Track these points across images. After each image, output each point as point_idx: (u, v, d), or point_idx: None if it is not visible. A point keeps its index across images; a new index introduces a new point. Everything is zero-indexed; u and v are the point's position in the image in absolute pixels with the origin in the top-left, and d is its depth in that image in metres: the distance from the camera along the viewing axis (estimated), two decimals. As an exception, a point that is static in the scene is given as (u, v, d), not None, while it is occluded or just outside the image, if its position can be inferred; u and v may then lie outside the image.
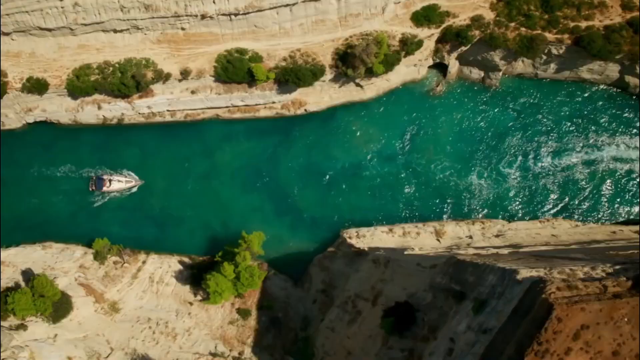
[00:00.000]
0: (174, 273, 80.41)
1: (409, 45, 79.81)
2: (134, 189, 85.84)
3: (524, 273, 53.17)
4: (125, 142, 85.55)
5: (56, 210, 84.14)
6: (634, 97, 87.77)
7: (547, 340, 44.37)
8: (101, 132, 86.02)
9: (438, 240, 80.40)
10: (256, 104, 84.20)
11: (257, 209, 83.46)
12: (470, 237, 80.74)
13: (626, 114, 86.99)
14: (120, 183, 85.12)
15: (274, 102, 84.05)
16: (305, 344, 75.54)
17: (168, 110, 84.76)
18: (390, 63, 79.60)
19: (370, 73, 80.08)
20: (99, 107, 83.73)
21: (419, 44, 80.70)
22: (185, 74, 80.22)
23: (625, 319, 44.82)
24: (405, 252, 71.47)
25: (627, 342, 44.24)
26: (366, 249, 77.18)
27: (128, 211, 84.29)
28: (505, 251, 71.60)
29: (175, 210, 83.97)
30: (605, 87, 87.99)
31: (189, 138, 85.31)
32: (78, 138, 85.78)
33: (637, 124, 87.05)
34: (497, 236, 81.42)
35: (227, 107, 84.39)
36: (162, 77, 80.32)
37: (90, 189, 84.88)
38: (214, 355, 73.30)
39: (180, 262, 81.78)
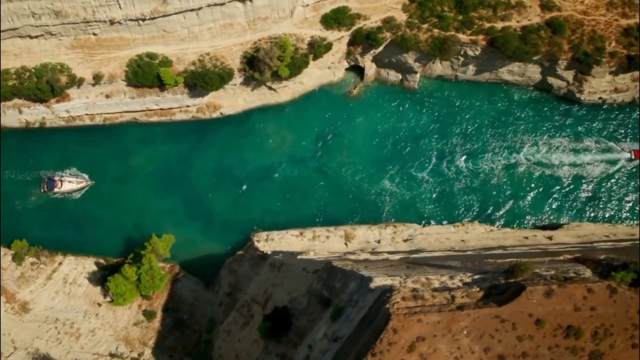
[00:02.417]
0: (87, 274, 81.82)
1: (316, 48, 79.36)
2: (85, 190, 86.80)
3: (377, 281, 52.37)
4: (46, 145, 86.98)
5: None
6: (560, 98, 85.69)
7: (381, 352, 43.53)
8: (24, 136, 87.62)
9: (346, 244, 79.79)
10: (171, 108, 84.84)
11: (171, 211, 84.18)
12: (379, 241, 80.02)
13: (548, 116, 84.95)
14: (71, 184, 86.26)
15: (188, 106, 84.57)
16: (206, 347, 76.14)
17: (87, 114, 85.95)
18: (297, 66, 79.26)
19: (278, 76, 79.88)
20: (20, 112, 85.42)
21: (328, 46, 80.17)
22: (97, 79, 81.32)
23: (465, 332, 43.69)
24: (298, 257, 71.27)
25: (465, 355, 43.19)
26: (269, 252, 77.22)
27: (48, 212, 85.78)
28: (397, 257, 70.69)
29: (92, 212, 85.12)
30: (528, 89, 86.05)
31: (106, 141, 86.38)
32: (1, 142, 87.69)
33: (562, 126, 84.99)
34: (406, 241, 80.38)
35: (143, 110, 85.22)
36: (76, 81, 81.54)
37: (42, 190, 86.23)
38: (112, 356, 74.49)
39: (96, 264, 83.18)
